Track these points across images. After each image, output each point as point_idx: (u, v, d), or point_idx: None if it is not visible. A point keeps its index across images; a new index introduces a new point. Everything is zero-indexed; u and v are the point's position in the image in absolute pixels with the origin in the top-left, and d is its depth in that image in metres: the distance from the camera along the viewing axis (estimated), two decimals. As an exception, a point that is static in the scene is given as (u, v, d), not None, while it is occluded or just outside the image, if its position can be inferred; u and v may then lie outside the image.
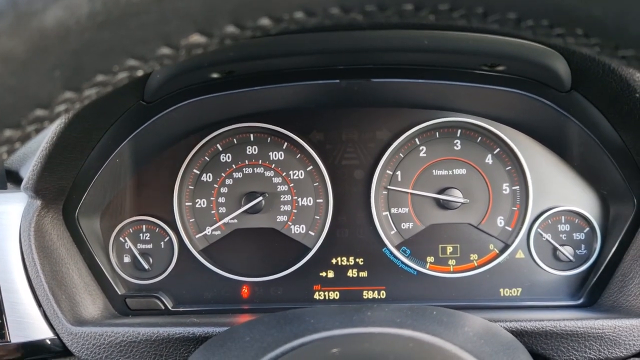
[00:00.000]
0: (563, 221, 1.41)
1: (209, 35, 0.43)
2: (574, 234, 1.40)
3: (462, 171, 1.42)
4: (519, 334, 1.16)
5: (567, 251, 1.39)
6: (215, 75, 1.10)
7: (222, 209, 1.44)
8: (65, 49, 0.39)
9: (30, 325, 1.22)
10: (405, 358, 0.74)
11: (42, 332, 1.22)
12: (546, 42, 0.93)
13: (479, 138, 1.42)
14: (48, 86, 0.40)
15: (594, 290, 1.35)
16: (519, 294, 1.41)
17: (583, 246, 1.40)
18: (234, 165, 1.44)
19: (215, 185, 1.44)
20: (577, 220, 1.40)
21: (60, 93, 0.42)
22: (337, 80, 1.20)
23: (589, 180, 1.38)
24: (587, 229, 1.40)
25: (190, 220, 1.45)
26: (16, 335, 1.21)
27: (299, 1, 0.40)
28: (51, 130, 1.11)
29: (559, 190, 1.40)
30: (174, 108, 1.22)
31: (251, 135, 1.44)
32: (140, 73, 0.46)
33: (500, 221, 1.42)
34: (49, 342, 1.23)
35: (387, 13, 0.43)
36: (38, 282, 1.22)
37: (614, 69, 0.98)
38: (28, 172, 1.18)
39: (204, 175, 1.44)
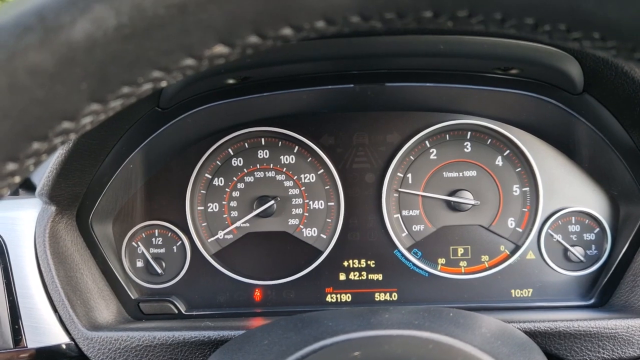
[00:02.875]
0: (573, 222, 1.41)
1: (231, 46, 0.43)
2: (585, 235, 1.41)
3: (473, 173, 1.43)
4: (532, 335, 1.16)
5: (577, 252, 1.40)
6: (230, 81, 1.11)
7: (234, 213, 1.45)
8: (92, 61, 0.39)
9: (46, 330, 1.23)
10: (427, 359, 0.75)
11: (58, 337, 1.23)
12: (562, 46, 0.94)
13: (489, 140, 1.42)
14: (75, 98, 0.41)
15: (605, 290, 1.36)
16: (530, 295, 1.42)
17: (594, 246, 1.41)
18: (245, 169, 1.45)
19: (227, 189, 1.45)
20: (587, 220, 1.41)
21: (86, 105, 0.42)
22: (351, 85, 1.21)
23: (599, 181, 1.39)
24: (598, 229, 1.41)
25: (203, 225, 1.45)
26: (33, 340, 1.22)
27: (320, 11, 0.41)
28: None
29: (569, 191, 1.40)
30: (189, 114, 1.23)
31: (262, 140, 1.44)
32: (164, 84, 0.47)
33: (510, 222, 1.43)
34: (64, 347, 1.23)
35: (406, 20, 0.44)
36: (53, 288, 1.22)
37: (627, 71, 0.98)
38: (43, 179, 1.19)
39: (216, 179, 1.45)
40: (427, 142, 1.43)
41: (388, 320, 0.94)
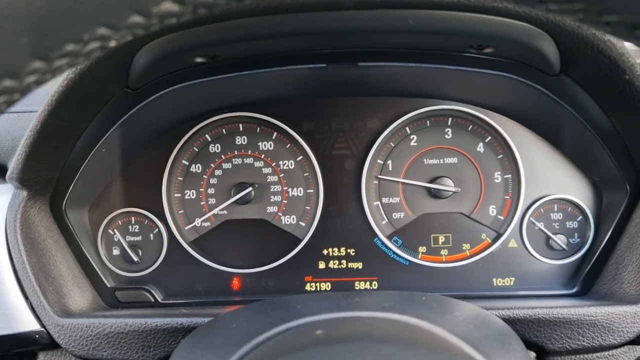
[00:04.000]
0: (556, 209, 1.40)
1: (181, 2, 0.42)
2: (567, 223, 1.39)
3: (454, 160, 1.41)
4: (511, 322, 1.14)
5: (560, 240, 1.38)
6: (199, 60, 1.09)
7: (212, 200, 1.43)
8: (31, 14, 0.38)
9: (16, 317, 1.21)
10: (389, 339, 0.73)
11: (28, 324, 1.21)
12: (539, 19, 0.92)
13: (470, 126, 1.40)
14: (15, 54, 0.39)
15: (587, 278, 1.34)
16: (512, 284, 1.40)
17: (576, 234, 1.39)
18: (223, 156, 1.43)
19: (204, 176, 1.43)
20: (569, 208, 1.39)
21: (28, 62, 0.41)
22: (324, 65, 1.19)
23: (581, 168, 1.37)
24: (580, 217, 1.39)
25: (180, 212, 1.43)
26: (2, 327, 1.20)
27: None
28: (35, 118, 1.09)
29: (551, 179, 1.39)
30: (160, 95, 1.21)
31: (240, 125, 1.42)
32: (112, 43, 0.45)
33: (492, 210, 1.41)
34: (36, 335, 1.21)
35: None
36: (24, 274, 1.20)
37: (602, 49, 0.96)
38: (12, 162, 1.17)
39: (193, 166, 1.43)
40: (407, 128, 1.41)
41: (358, 303, 0.93)
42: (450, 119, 1.41)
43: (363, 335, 0.73)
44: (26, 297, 1.21)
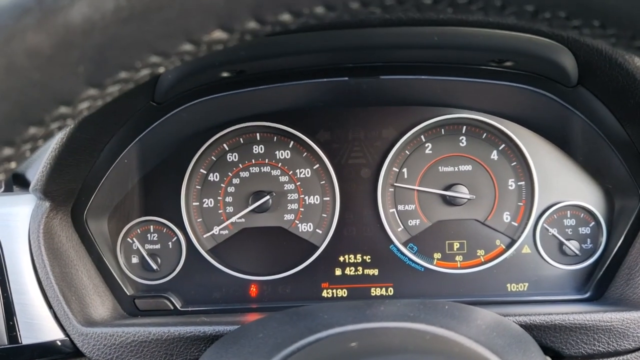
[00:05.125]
0: (569, 216, 1.42)
1: (230, 31, 0.43)
2: (580, 228, 1.41)
3: (468, 167, 1.43)
4: (527, 328, 1.16)
5: (573, 245, 1.40)
6: (225, 75, 1.11)
7: (230, 209, 1.45)
8: (90, 44, 0.39)
9: (41, 326, 1.22)
10: (423, 350, 0.75)
11: (53, 333, 1.22)
12: (560, 35, 0.94)
13: (484, 134, 1.42)
14: (72, 82, 0.41)
15: (600, 283, 1.36)
16: (526, 289, 1.42)
17: (589, 240, 1.41)
18: (240, 165, 1.45)
19: (222, 185, 1.45)
20: (582, 214, 1.41)
21: (83, 89, 0.42)
22: (346, 78, 1.20)
23: (594, 175, 1.39)
24: (593, 223, 1.41)
25: (198, 220, 1.45)
26: (27, 337, 1.21)
27: None
28: (61, 132, 1.11)
29: (564, 185, 1.41)
30: (183, 108, 1.23)
31: (257, 135, 1.44)
32: (162, 70, 0.47)
33: (506, 217, 1.43)
34: (59, 344, 1.23)
35: (406, 6, 0.44)
36: (48, 284, 1.22)
37: (620, 63, 0.99)
38: (37, 174, 1.18)
39: (211, 174, 1.45)
40: (422, 136, 1.43)
41: (383, 313, 0.94)
42: (464, 127, 1.42)
43: (398, 347, 0.74)
44: (50, 307, 1.23)
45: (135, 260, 1.44)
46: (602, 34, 0.46)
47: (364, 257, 1.44)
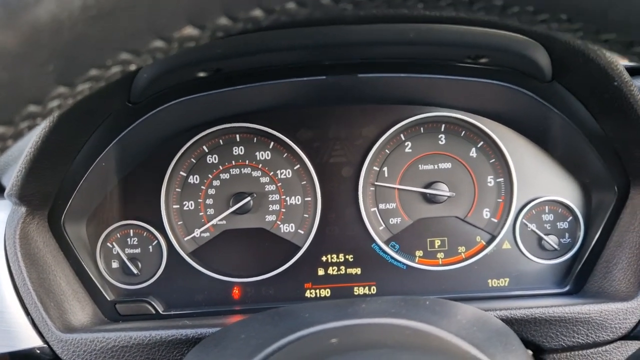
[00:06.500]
0: (547, 211, 1.44)
1: (201, 28, 0.43)
2: (558, 223, 1.43)
3: (448, 165, 1.44)
4: (508, 322, 1.17)
5: (552, 240, 1.42)
6: (202, 74, 1.10)
7: (210, 211, 1.44)
8: (58, 42, 0.39)
9: (18, 334, 1.20)
10: (404, 345, 0.75)
11: (30, 340, 1.20)
12: (529, 29, 0.95)
13: (463, 132, 1.44)
14: (41, 81, 0.40)
15: (579, 277, 1.38)
16: (506, 284, 1.43)
17: (567, 235, 1.43)
18: (220, 167, 1.44)
19: (202, 187, 1.44)
20: (560, 209, 1.43)
21: (53, 88, 0.41)
22: (324, 77, 1.21)
23: (571, 170, 1.41)
24: (571, 217, 1.43)
25: (179, 223, 1.44)
26: (4, 345, 1.19)
27: None
28: (35, 135, 1.09)
29: (542, 181, 1.43)
30: (161, 109, 1.22)
31: (237, 136, 1.44)
32: (133, 67, 0.46)
33: (486, 213, 1.44)
34: (38, 351, 1.21)
35: (377, 2, 0.44)
36: (25, 290, 1.19)
37: (593, 58, 1.00)
38: (12, 178, 1.16)
39: (191, 177, 1.44)
40: (402, 135, 1.44)
41: (364, 310, 0.94)
42: (443, 125, 1.44)
43: (378, 342, 0.75)
44: (27, 314, 1.21)
45: (115, 265, 1.42)
46: (568, 28, 0.47)
47: (347, 257, 1.44)
